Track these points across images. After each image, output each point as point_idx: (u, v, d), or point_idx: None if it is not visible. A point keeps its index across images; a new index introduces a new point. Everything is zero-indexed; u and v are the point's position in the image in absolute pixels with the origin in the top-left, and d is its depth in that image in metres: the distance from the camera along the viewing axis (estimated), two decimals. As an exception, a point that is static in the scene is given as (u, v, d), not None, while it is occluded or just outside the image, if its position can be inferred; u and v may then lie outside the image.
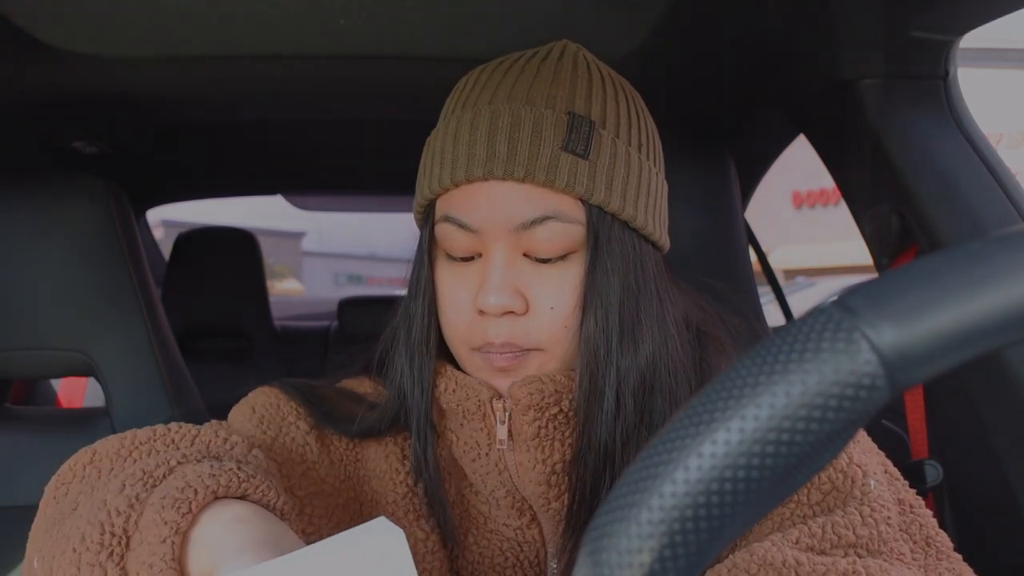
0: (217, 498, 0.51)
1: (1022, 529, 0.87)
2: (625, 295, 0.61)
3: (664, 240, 0.68)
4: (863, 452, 0.63)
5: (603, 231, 0.61)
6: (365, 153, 1.74)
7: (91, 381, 1.52)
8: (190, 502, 0.49)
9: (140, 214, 2.20)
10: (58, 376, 1.14)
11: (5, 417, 1.08)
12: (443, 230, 0.63)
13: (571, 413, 0.62)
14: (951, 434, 0.99)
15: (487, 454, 0.65)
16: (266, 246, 2.19)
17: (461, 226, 0.61)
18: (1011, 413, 0.88)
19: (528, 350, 0.61)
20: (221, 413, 0.79)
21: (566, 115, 0.61)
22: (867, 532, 0.55)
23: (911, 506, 0.61)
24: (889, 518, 0.57)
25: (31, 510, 0.99)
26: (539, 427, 0.62)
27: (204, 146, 1.66)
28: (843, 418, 0.23)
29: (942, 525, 0.62)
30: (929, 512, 0.61)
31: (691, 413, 0.25)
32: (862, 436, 0.66)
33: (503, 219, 0.60)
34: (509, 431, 0.63)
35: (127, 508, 0.50)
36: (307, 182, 2.16)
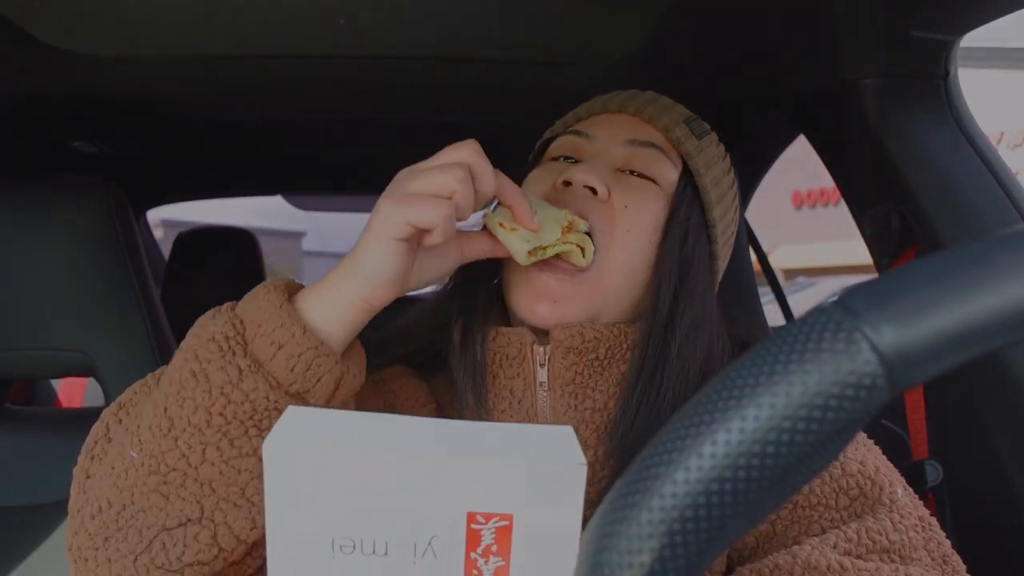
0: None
1: (1022, 529, 0.87)
2: (697, 257, 0.68)
3: (719, 268, 0.75)
4: (885, 466, 0.64)
5: (689, 193, 0.70)
6: (365, 153, 1.74)
7: (91, 381, 1.52)
8: (277, 287, 0.57)
9: (140, 214, 2.20)
10: (58, 376, 1.14)
11: (5, 417, 1.08)
12: (558, 142, 0.74)
13: (607, 361, 0.65)
14: (951, 434, 0.99)
15: (520, 401, 0.66)
16: (266, 246, 2.19)
17: (579, 135, 0.72)
18: (1011, 413, 0.87)
19: (583, 272, 0.65)
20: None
21: (694, 114, 0.76)
22: (899, 538, 0.57)
23: (929, 523, 0.62)
24: (916, 526, 0.59)
25: (31, 510, 1.00)
26: (576, 372, 0.65)
27: (204, 146, 1.66)
28: (843, 418, 0.23)
29: (942, 525, 0.62)
30: (943, 533, 0.62)
31: (691, 413, 0.25)
32: (879, 452, 0.68)
33: (619, 133, 0.71)
34: (548, 375, 0.66)
35: (228, 313, 0.57)
36: (307, 182, 2.15)
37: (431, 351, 0.72)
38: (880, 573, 0.53)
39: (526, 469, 0.40)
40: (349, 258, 0.57)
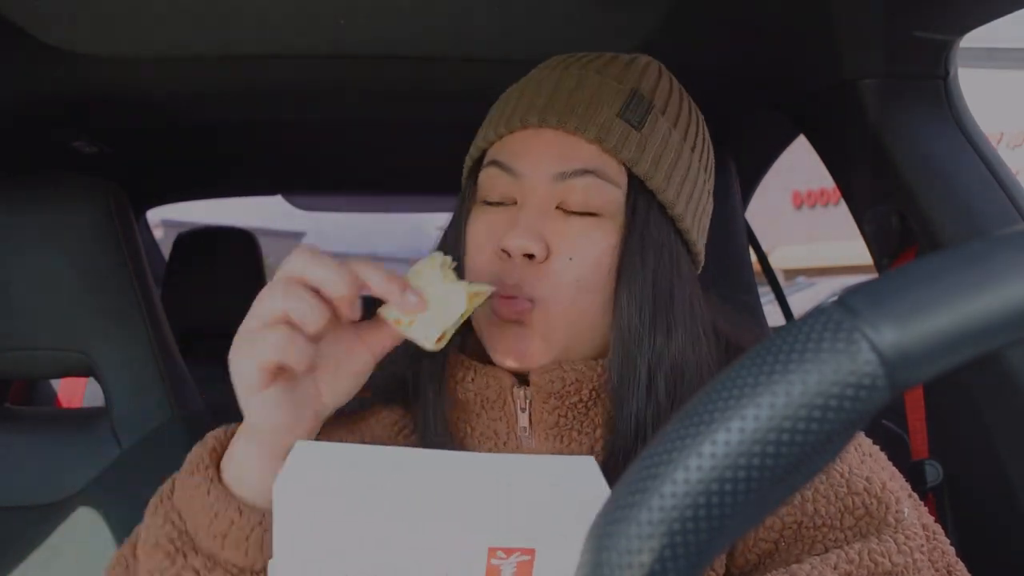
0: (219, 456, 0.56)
1: (1022, 529, 0.87)
2: (658, 277, 0.62)
3: (699, 250, 0.69)
4: (891, 478, 0.62)
5: (641, 206, 0.63)
6: (365, 153, 1.74)
7: (91, 381, 1.52)
8: (200, 464, 0.54)
9: (140, 214, 2.20)
10: (58, 376, 1.14)
11: (5, 417, 1.07)
12: (486, 175, 0.65)
13: (591, 403, 0.62)
14: (951, 434, 0.99)
15: (504, 443, 0.64)
16: (266, 246, 2.18)
17: (504, 169, 0.63)
18: (1011, 413, 0.87)
19: (533, 301, 0.60)
20: (221, 413, 0.78)
21: (629, 90, 0.64)
22: (903, 560, 0.55)
23: (934, 532, 0.61)
24: (922, 546, 0.57)
25: (31, 510, 1.00)
26: (559, 416, 0.62)
27: (204, 146, 1.66)
28: (843, 418, 0.23)
29: (942, 525, 0.62)
30: (947, 540, 0.61)
31: (691, 413, 0.25)
32: (886, 461, 0.65)
33: (546, 165, 0.62)
34: (529, 419, 0.63)
35: (166, 505, 0.54)
36: (307, 182, 2.15)
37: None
38: None
39: (553, 500, 0.39)
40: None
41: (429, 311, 0.52)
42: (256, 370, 0.49)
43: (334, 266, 0.50)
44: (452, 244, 0.67)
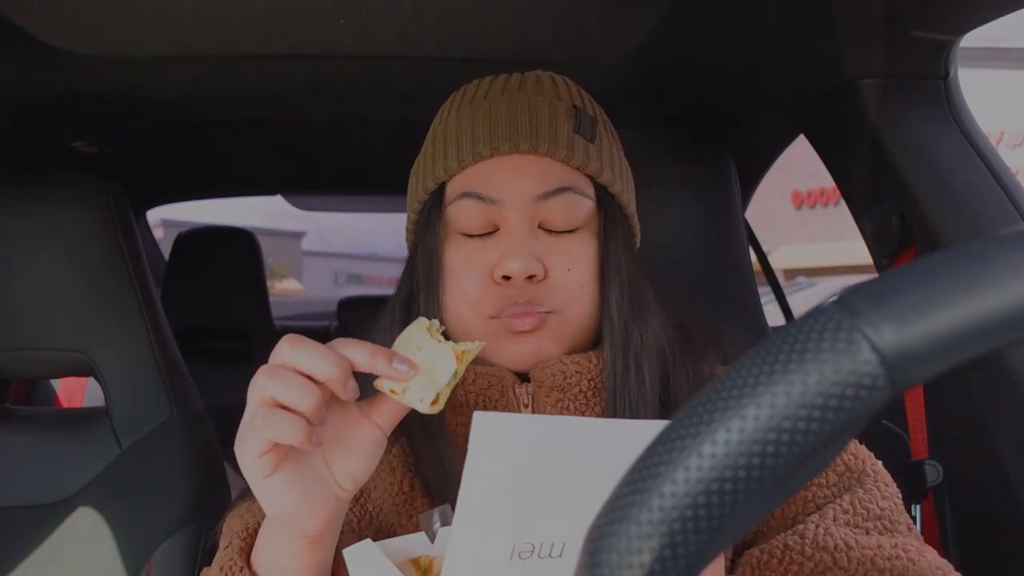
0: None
1: (1022, 529, 0.87)
2: (630, 271, 0.67)
3: (636, 222, 0.74)
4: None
5: (610, 209, 0.68)
6: (365, 153, 1.74)
7: (91, 381, 1.52)
8: (231, 567, 0.57)
9: (140, 214, 2.20)
10: (58, 376, 1.14)
11: (5, 417, 1.07)
12: (461, 207, 0.66)
13: (590, 393, 0.65)
14: (951, 434, 0.99)
15: None
16: (266, 246, 2.19)
17: (482, 199, 0.65)
18: (1011, 413, 0.87)
19: (548, 312, 0.64)
20: (220, 413, 0.79)
21: (572, 107, 0.69)
22: (888, 504, 0.60)
23: None
24: (897, 493, 0.62)
25: (31, 510, 1.00)
26: (561, 408, 0.64)
27: (204, 146, 1.66)
28: (843, 418, 0.23)
29: (942, 525, 0.63)
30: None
31: (691, 413, 0.25)
32: None
33: (525, 189, 0.65)
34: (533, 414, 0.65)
35: None
36: (307, 182, 2.15)
37: None
38: (882, 550, 0.55)
39: None
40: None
41: (421, 375, 0.52)
42: (255, 457, 0.49)
43: (318, 350, 0.50)
44: (424, 279, 0.67)
